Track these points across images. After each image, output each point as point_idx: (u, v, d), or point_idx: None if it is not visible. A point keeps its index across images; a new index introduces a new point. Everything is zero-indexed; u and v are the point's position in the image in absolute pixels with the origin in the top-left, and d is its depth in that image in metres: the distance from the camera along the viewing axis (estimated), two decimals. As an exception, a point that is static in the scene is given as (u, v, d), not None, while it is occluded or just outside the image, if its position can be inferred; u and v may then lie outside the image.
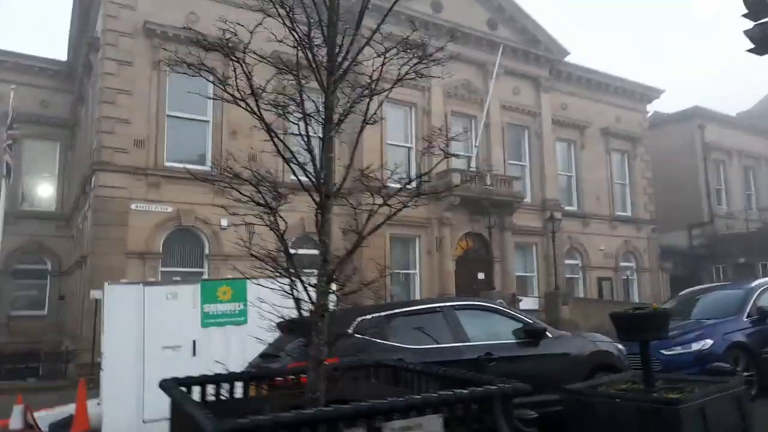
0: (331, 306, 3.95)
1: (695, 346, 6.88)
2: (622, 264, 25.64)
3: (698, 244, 29.73)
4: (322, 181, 3.53)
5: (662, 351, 6.90)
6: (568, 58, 24.29)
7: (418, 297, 18.74)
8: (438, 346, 5.06)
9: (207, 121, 16.86)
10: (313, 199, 3.62)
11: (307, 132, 3.56)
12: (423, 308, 5.42)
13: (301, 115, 3.59)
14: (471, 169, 20.35)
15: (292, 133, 3.72)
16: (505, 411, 2.88)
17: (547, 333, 5.65)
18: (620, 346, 5.99)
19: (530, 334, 5.44)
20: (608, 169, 25.88)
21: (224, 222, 15.47)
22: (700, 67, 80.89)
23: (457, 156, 19.53)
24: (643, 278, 26.25)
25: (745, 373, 6.32)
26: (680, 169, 30.63)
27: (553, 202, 22.52)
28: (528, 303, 20.21)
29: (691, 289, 9.90)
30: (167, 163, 15.92)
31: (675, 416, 3.60)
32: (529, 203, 22.18)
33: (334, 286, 3.53)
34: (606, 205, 25.38)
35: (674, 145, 30.85)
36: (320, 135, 3.58)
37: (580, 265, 24.32)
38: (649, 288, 26.09)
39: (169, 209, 15.82)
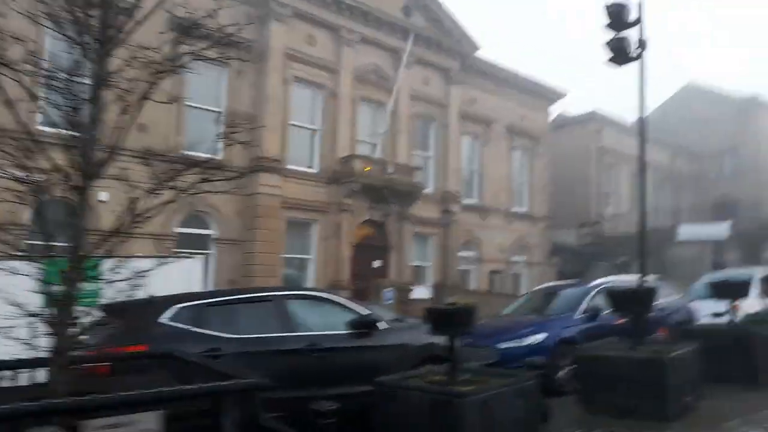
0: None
1: (528, 341, 7.27)
2: (515, 258, 26.87)
3: (586, 242, 31.82)
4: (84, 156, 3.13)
5: (498, 345, 7.22)
6: (479, 54, 24.82)
7: (311, 283, 18.58)
8: (260, 336, 4.91)
9: None
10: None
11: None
12: (250, 297, 5.24)
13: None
14: (375, 156, 20.29)
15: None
16: (239, 407, 2.75)
17: (381, 324, 5.68)
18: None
19: (361, 325, 5.44)
20: (510, 166, 26.89)
21: None
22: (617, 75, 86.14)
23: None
24: (532, 272, 27.65)
25: (569, 367, 6.71)
26: (576, 170, 32.55)
27: (453, 194, 23.06)
28: (420, 292, 20.67)
29: (541, 285, 10.46)
30: None
31: (460, 408, 3.69)
32: (430, 194, 22.57)
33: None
34: (505, 201, 26.40)
35: (573, 146, 32.68)
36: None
37: (474, 257, 25.17)
38: (537, 282, 27.53)
39: None
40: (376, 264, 20.34)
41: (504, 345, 7.20)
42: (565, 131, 32.95)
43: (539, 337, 7.28)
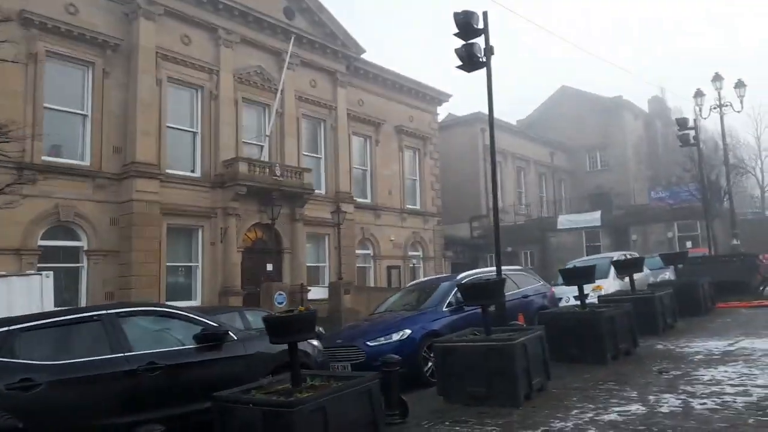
0: None
1: (395, 336, 7.42)
2: (410, 253, 27.55)
3: (477, 234, 33.39)
4: None
5: (368, 342, 7.32)
6: (365, 57, 25.13)
7: (200, 291, 17.80)
8: (86, 360, 4.54)
9: None
10: None
11: None
12: (72, 318, 4.81)
13: None
14: (262, 159, 19.81)
15: None
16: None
17: (231, 334, 5.52)
18: (315, 343, 6.14)
19: (208, 338, 5.24)
20: (401, 165, 27.48)
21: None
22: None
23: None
24: (428, 266, 28.51)
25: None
26: (466, 168, 34.09)
27: (345, 194, 23.15)
28: (317, 293, 20.58)
29: (416, 280, 10.79)
30: None
31: (290, 418, 3.66)
32: (323, 195, 22.50)
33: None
34: (397, 199, 26.95)
35: (462, 145, 34.18)
36: None
37: (371, 254, 25.48)
38: (433, 274, 28.42)
39: None
40: (269, 267, 19.89)
41: (372, 343, 7.29)
42: (453, 131, 34.38)
43: (406, 332, 7.44)
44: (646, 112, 45.54)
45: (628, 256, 13.63)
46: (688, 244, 25.60)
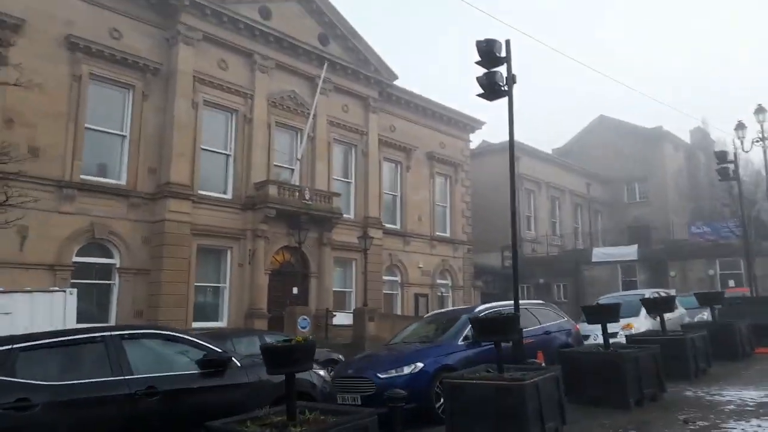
0: None
1: (407, 369, 7.17)
2: (439, 281, 27.21)
3: (508, 264, 32.71)
4: None
5: (379, 374, 7.12)
6: (398, 83, 25.39)
7: (226, 312, 17.94)
8: (85, 381, 4.52)
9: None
10: None
11: None
12: (76, 338, 4.82)
13: None
14: (292, 183, 20.06)
15: None
16: None
17: (235, 361, 5.45)
18: (322, 373, 6.01)
19: (211, 364, 5.17)
20: (431, 192, 27.39)
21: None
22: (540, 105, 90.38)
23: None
24: (456, 295, 28.09)
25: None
26: (499, 196, 33.64)
27: (374, 219, 23.15)
28: (343, 318, 20.43)
29: (434, 312, 10.54)
30: None
31: None
32: (352, 219, 22.57)
33: None
34: (427, 225, 26.78)
35: (495, 173, 33.80)
36: None
37: (399, 281, 25.27)
38: (462, 304, 27.96)
39: None
40: (295, 291, 19.95)
41: (384, 375, 7.07)
42: (487, 159, 34.13)
43: (419, 365, 7.18)
44: (688, 143, 44.23)
45: (662, 294, 13.01)
46: (731, 282, 24.44)
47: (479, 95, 8.99)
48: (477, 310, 8.84)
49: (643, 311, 12.17)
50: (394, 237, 24.96)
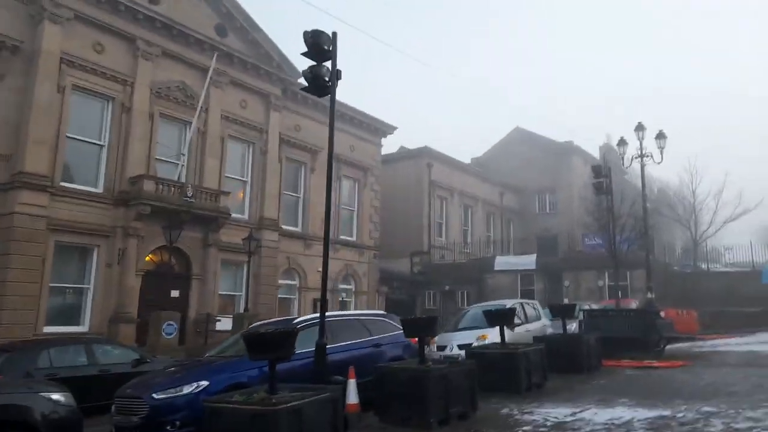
0: None
1: (187, 389, 6.49)
2: (341, 286, 26.67)
3: (417, 270, 32.77)
4: None
5: (154, 395, 6.41)
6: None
7: (88, 315, 16.53)
8: None
9: None
10: None
11: None
12: None
13: None
14: (177, 179, 18.88)
15: None
16: None
17: None
18: (55, 397, 5.23)
19: None
20: (338, 195, 26.81)
21: None
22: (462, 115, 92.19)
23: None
24: (360, 300, 27.65)
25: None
26: (410, 202, 33.69)
27: (270, 221, 22.32)
28: (227, 323, 19.41)
29: (264, 321, 9.98)
30: None
31: None
32: (245, 220, 21.61)
33: None
34: (331, 229, 26.13)
35: (407, 179, 33.83)
36: None
37: (297, 285, 24.52)
38: (365, 309, 27.55)
39: None
40: (175, 294, 18.78)
41: (159, 395, 6.35)
42: (400, 164, 34.11)
43: (202, 383, 6.50)
44: (596, 157, 46.22)
45: (525, 305, 13.09)
46: (618, 293, 25.40)
47: (303, 89, 8.55)
48: (300, 320, 8.30)
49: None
50: (294, 239, 24.21)
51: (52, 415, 5.08)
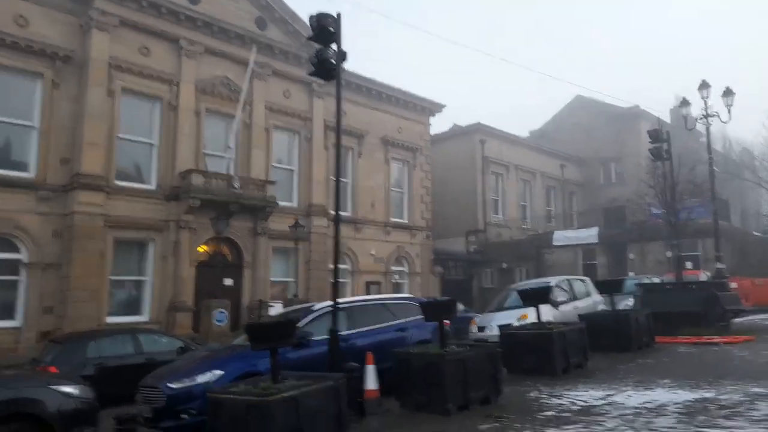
0: None
1: (201, 378, 6.58)
2: (393, 268, 26.65)
3: (473, 249, 32.19)
4: None
5: (170, 384, 6.56)
6: (355, 68, 24.66)
7: (147, 306, 17.45)
8: None
9: None
10: None
11: None
12: None
13: None
14: (226, 171, 19.40)
15: None
16: None
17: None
18: (67, 389, 5.43)
19: None
20: (387, 177, 26.70)
21: None
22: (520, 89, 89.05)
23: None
24: (414, 282, 27.54)
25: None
26: (464, 180, 33.00)
27: (318, 207, 22.55)
28: (279, 309, 19.92)
29: (294, 307, 9.98)
30: None
31: None
32: (294, 207, 21.97)
33: None
34: (381, 212, 26.15)
35: (459, 157, 33.13)
36: None
37: (349, 269, 24.72)
38: (420, 290, 27.43)
39: None
40: (228, 282, 19.45)
41: (175, 385, 6.49)
42: (452, 143, 33.43)
43: (217, 373, 6.57)
44: (667, 122, 43.23)
45: (573, 282, 12.45)
46: (688, 264, 23.80)
47: (311, 74, 8.41)
48: (318, 306, 8.29)
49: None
50: (344, 224, 24.24)
51: (63, 408, 5.29)
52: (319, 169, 22.99)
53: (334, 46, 8.08)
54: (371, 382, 7.10)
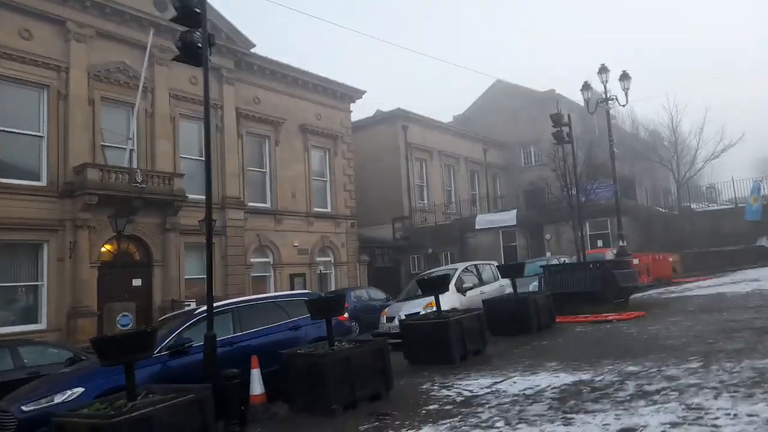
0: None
1: (59, 398, 5.99)
2: (318, 259, 26.25)
3: (399, 236, 32.29)
4: None
5: (23, 407, 5.93)
6: (262, 53, 23.78)
7: (44, 313, 16.16)
8: None
9: None
10: None
11: None
12: None
13: None
14: (126, 164, 18.20)
15: None
16: None
17: None
18: None
19: None
20: (307, 166, 26.12)
21: None
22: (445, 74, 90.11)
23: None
24: (340, 271, 27.28)
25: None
26: (388, 167, 32.92)
27: (233, 199, 21.73)
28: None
29: (182, 310, 9.48)
30: None
31: None
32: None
33: None
34: (303, 202, 25.59)
35: (382, 143, 32.99)
36: None
37: (271, 262, 24.09)
38: (346, 280, 27.21)
39: None
40: (136, 283, 18.37)
41: (29, 407, 5.86)
42: (374, 129, 33.20)
43: (77, 390, 5.98)
44: (582, 106, 45.05)
45: (481, 267, 12.57)
46: (599, 242, 24.96)
47: (175, 59, 7.88)
48: (197, 311, 7.83)
49: (451, 287, 11.63)
50: (263, 216, 23.64)
51: None
52: (233, 160, 22.11)
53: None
54: (257, 387, 6.74)
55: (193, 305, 18.89)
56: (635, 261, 17.29)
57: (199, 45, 7.46)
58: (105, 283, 17.33)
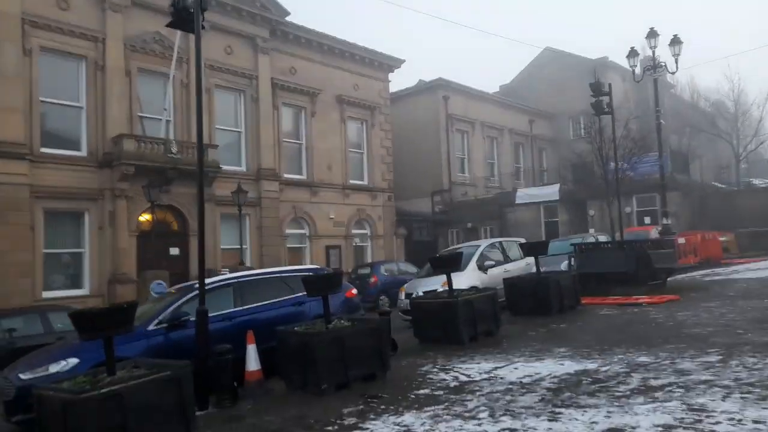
0: None
1: (54, 368, 6.09)
2: (354, 231, 26.22)
3: (439, 210, 31.79)
4: None
5: (21, 375, 6.09)
6: (298, 21, 23.51)
7: (87, 278, 16.89)
8: None
9: None
10: None
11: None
12: None
13: None
14: (164, 135, 18.53)
15: None
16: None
17: None
18: None
19: None
20: (343, 138, 25.91)
21: None
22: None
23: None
24: (377, 244, 27.20)
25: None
26: (428, 139, 32.25)
27: (268, 170, 21.85)
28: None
29: (186, 284, 9.50)
30: None
31: None
32: (243, 172, 21.24)
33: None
34: (339, 174, 25.49)
35: (422, 115, 32.26)
36: None
37: (307, 234, 24.25)
38: (383, 253, 27.11)
39: None
40: (174, 252, 18.90)
41: (27, 376, 6.00)
42: (414, 100, 32.48)
43: (72, 361, 6.07)
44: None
45: (506, 244, 12.08)
46: (646, 219, 23.71)
47: (168, 25, 7.73)
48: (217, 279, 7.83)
49: (472, 264, 11.24)
50: (299, 188, 23.72)
51: None
52: (268, 131, 22.15)
53: None
54: (252, 363, 6.70)
55: (228, 273, 19.39)
56: (681, 240, 16.24)
57: (190, 11, 7.26)
58: (143, 252, 17.88)
